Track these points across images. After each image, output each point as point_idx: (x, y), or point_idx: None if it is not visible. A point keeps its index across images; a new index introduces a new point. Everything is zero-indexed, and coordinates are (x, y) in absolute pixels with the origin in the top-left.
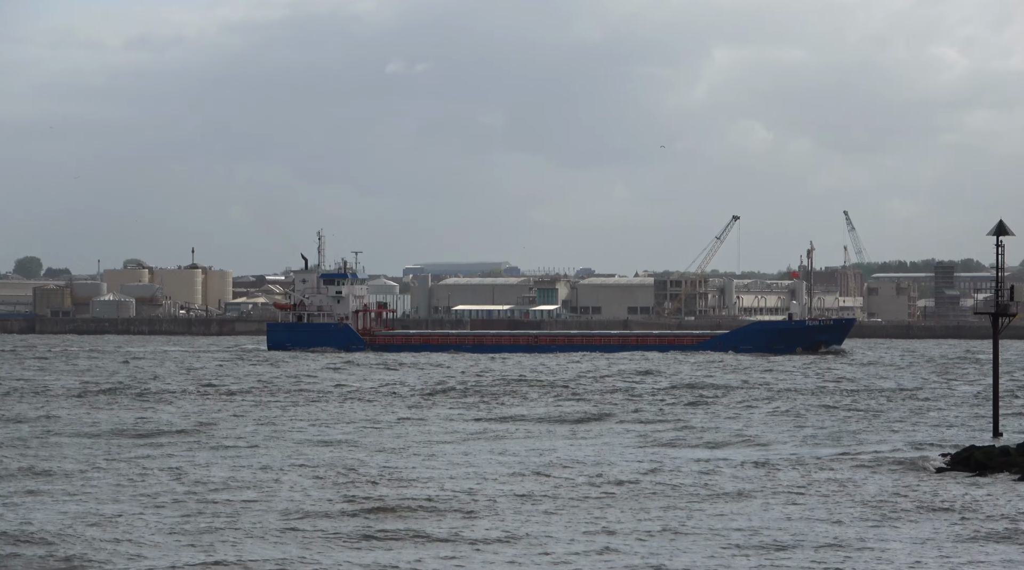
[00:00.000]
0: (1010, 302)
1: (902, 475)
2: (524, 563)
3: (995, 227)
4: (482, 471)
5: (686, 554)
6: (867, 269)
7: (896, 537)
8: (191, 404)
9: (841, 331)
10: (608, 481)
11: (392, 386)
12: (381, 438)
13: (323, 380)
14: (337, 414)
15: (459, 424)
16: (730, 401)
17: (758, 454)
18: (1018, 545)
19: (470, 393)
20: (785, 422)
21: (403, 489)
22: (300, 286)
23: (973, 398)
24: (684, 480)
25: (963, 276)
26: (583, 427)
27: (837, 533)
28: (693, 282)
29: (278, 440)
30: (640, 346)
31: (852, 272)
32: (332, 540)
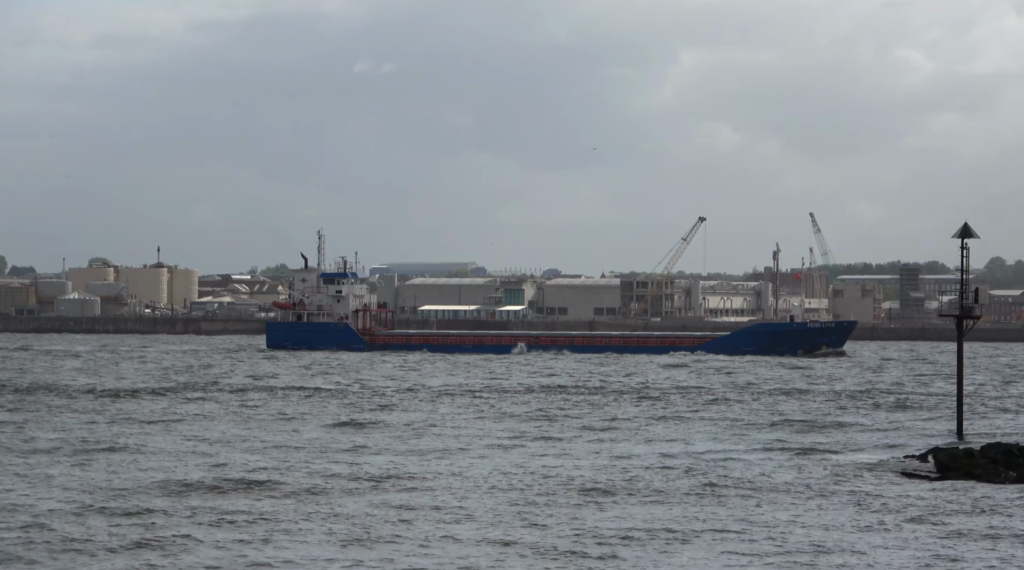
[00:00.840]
0: (974, 304)
1: (865, 476)
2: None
3: (960, 230)
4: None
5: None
6: (833, 271)
7: (859, 537)
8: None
9: (843, 333)
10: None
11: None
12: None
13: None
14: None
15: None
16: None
17: (726, 452)
18: (981, 545)
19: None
20: (756, 421)
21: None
22: (300, 285)
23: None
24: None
25: (928, 278)
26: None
27: (797, 535)
28: (659, 283)
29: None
30: (642, 348)
31: (818, 274)
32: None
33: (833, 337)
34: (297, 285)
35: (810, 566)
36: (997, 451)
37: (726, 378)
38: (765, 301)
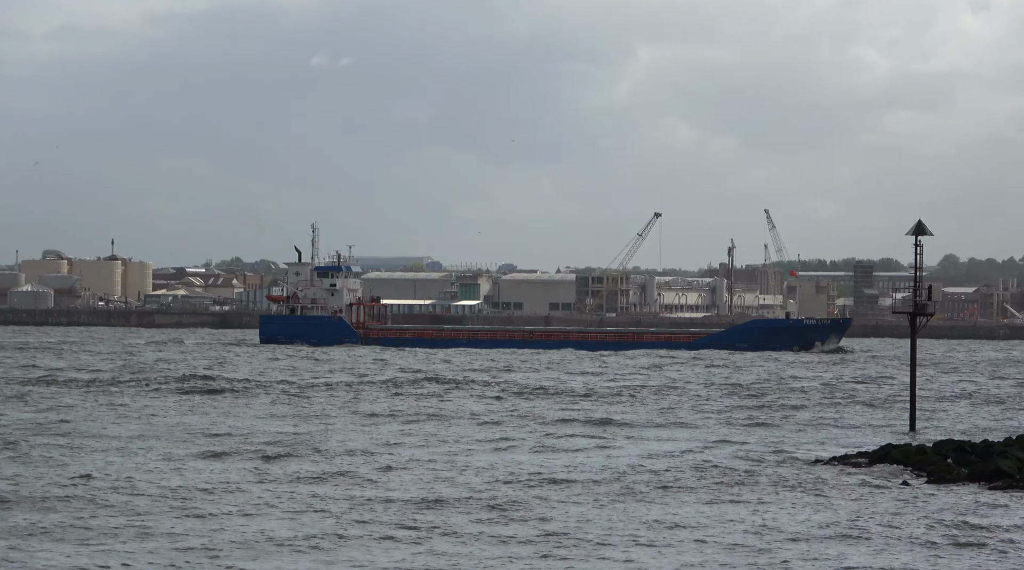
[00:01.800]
0: (928, 301)
1: (814, 472)
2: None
3: (914, 227)
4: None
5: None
6: (787, 267)
7: (809, 536)
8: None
9: (839, 330)
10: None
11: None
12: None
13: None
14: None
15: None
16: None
17: (681, 450)
18: (929, 544)
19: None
20: (714, 417)
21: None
22: (293, 279)
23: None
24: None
25: (882, 275)
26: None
27: (747, 535)
28: (614, 279)
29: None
30: (637, 343)
31: (772, 270)
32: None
33: (829, 334)
34: (291, 278)
35: (755, 557)
36: (949, 448)
37: (709, 373)
38: (720, 297)
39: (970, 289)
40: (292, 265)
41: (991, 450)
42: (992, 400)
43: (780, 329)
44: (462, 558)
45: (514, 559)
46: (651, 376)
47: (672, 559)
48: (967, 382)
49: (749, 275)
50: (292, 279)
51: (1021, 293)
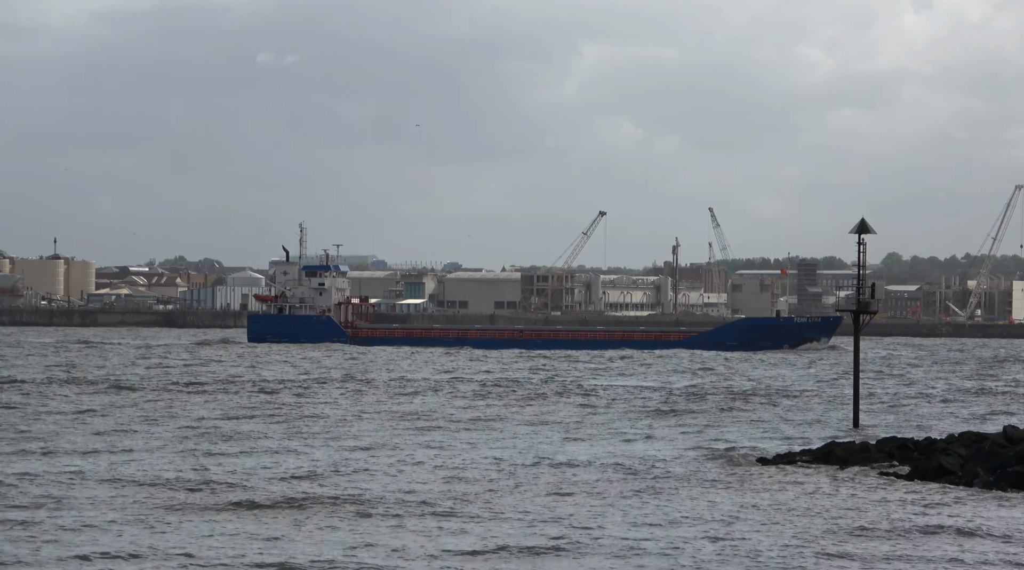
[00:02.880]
0: (871, 299)
1: (760, 469)
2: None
3: (857, 225)
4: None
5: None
6: (731, 266)
7: (747, 531)
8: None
9: (828, 328)
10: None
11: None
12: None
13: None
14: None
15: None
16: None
17: (627, 450)
18: (874, 538)
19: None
20: (667, 417)
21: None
22: (281, 278)
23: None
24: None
25: (825, 273)
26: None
27: (690, 531)
28: (559, 277)
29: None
30: (625, 342)
31: (717, 269)
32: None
33: (819, 332)
34: (278, 277)
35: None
36: (892, 445)
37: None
38: (665, 295)
39: (913, 287)
40: (279, 264)
41: (933, 447)
42: (936, 398)
43: (770, 327)
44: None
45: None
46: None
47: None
48: (912, 380)
49: (693, 273)
50: (280, 278)
51: (963, 291)
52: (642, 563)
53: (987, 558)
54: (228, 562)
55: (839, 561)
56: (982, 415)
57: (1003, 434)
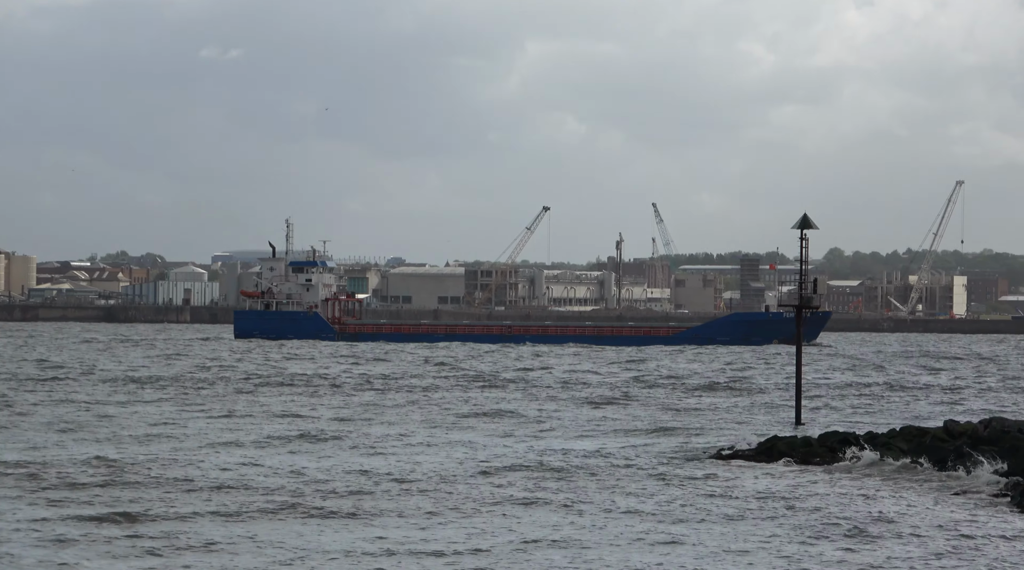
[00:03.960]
0: (813, 295)
1: (702, 465)
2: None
3: (799, 221)
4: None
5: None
6: (674, 261)
7: (689, 528)
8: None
9: (818, 324)
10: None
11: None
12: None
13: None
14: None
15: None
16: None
17: (569, 447)
18: (804, 529)
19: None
20: (613, 413)
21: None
22: (268, 274)
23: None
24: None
25: (768, 268)
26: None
27: (640, 527)
28: (503, 272)
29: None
30: (617, 337)
31: (660, 264)
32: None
33: (808, 327)
34: (265, 273)
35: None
36: (835, 439)
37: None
38: (608, 290)
39: (855, 282)
40: (265, 260)
41: (875, 441)
42: (879, 393)
43: (760, 322)
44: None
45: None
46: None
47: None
48: (857, 374)
49: (637, 268)
50: (266, 274)
51: (904, 286)
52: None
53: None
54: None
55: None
56: (928, 409)
57: (944, 428)
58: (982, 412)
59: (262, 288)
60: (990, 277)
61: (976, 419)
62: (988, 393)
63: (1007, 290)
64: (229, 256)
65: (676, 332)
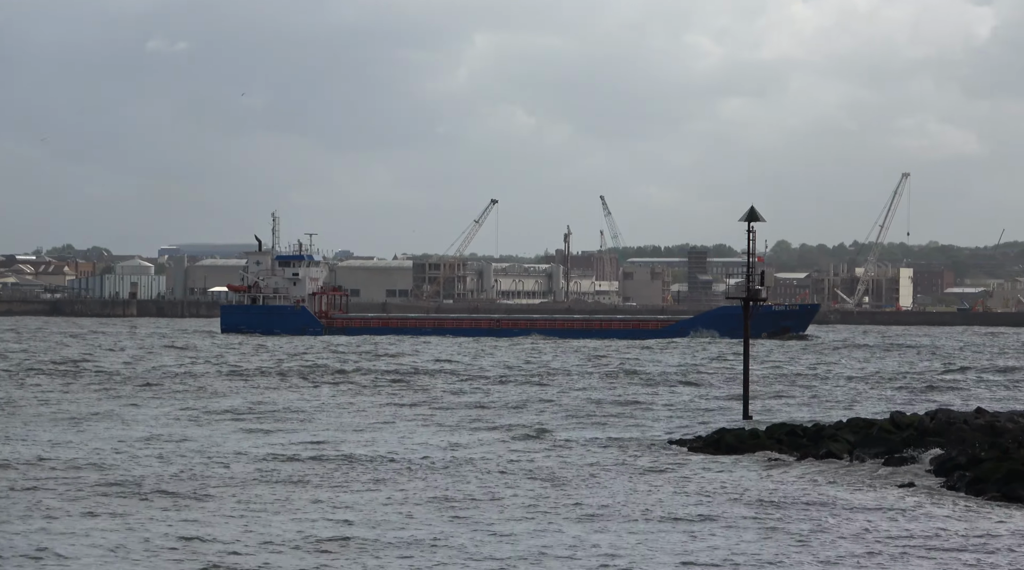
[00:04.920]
0: (760, 287)
1: (652, 456)
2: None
3: (747, 213)
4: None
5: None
6: (622, 254)
7: (632, 519)
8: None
9: (806, 317)
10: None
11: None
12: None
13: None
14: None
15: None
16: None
17: (507, 438)
18: (757, 522)
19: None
20: (557, 408)
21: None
22: (254, 268)
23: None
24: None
25: (716, 261)
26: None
27: (583, 520)
28: (452, 265)
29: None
30: (607, 331)
31: (608, 257)
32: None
33: (796, 320)
34: (251, 268)
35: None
36: (782, 431)
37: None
38: (557, 283)
39: (802, 275)
40: (252, 254)
41: (822, 433)
42: (824, 387)
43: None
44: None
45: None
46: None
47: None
48: (804, 368)
49: (585, 261)
50: (253, 268)
51: (851, 279)
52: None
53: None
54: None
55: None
56: (878, 401)
57: (890, 420)
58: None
59: (248, 282)
60: (936, 269)
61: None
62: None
63: (952, 282)
64: (176, 249)
65: (665, 325)
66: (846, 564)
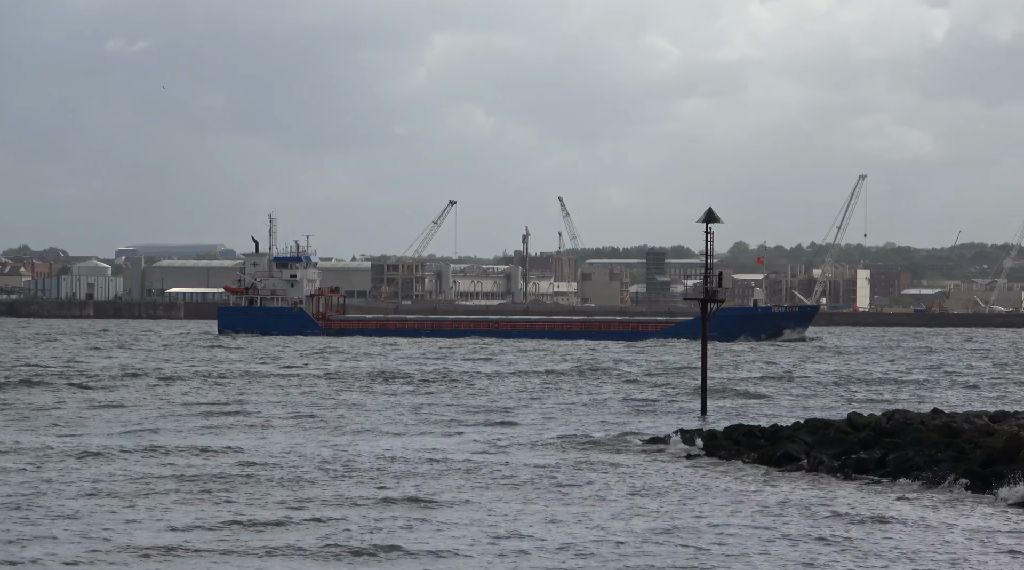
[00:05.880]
0: (718, 288)
1: (607, 456)
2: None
3: (704, 214)
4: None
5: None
6: (581, 255)
7: (590, 515)
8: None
9: (806, 318)
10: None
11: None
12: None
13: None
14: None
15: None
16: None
17: (471, 438)
18: (707, 525)
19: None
20: (523, 404)
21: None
22: (251, 269)
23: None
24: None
25: (674, 262)
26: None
27: (537, 515)
28: (410, 266)
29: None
30: (605, 333)
31: (567, 258)
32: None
33: (796, 322)
34: (248, 269)
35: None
36: (740, 432)
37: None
38: (515, 284)
39: (759, 276)
40: (249, 256)
41: (779, 434)
42: (785, 387)
43: (749, 317)
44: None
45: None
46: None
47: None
48: (762, 369)
49: (544, 262)
50: (250, 270)
51: (808, 280)
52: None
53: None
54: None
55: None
56: (837, 403)
57: (847, 421)
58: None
59: (245, 284)
60: (893, 271)
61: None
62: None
63: (909, 283)
64: (133, 250)
65: (664, 327)
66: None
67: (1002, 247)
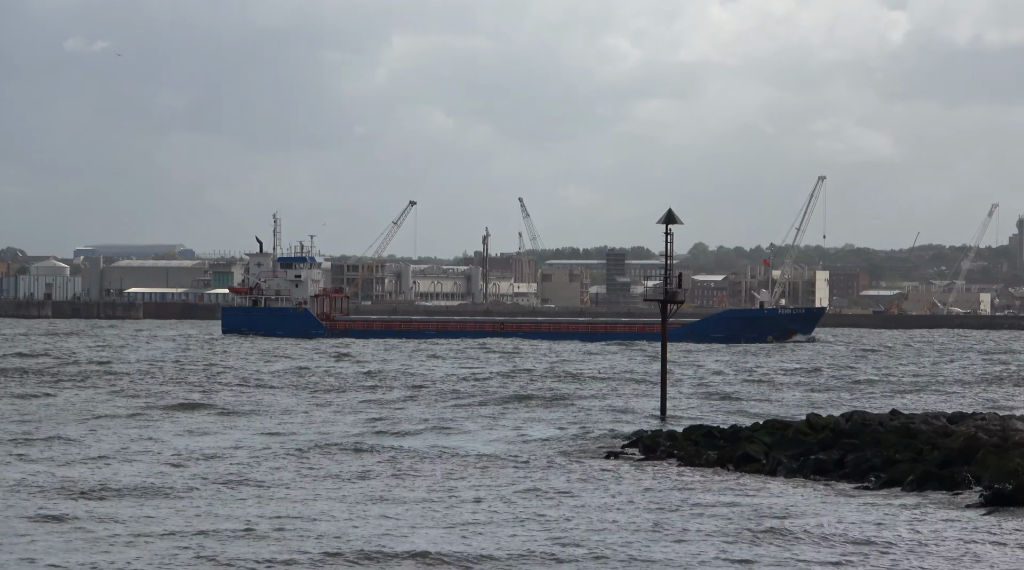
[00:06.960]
0: (678, 289)
1: (569, 458)
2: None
3: (664, 216)
4: None
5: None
6: (541, 256)
7: (545, 514)
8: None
9: (812, 320)
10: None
11: None
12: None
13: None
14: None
15: None
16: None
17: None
18: (670, 527)
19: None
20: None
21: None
22: (255, 270)
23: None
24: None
25: (634, 263)
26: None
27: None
28: (370, 267)
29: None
30: (611, 334)
31: (527, 258)
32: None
33: (803, 323)
34: (252, 269)
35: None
36: (699, 433)
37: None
38: (475, 285)
39: (719, 277)
40: (253, 256)
41: (739, 435)
42: (742, 389)
43: (755, 319)
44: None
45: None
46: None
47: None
48: (717, 370)
49: (504, 263)
50: (254, 270)
51: (768, 280)
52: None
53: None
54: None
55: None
56: (799, 402)
57: (806, 422)
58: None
59: (249, 284)
60: (851, 272)
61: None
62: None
63: (868, 285)
64: (92, 250)
65: (671, 328)
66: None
67: (960, 249)
